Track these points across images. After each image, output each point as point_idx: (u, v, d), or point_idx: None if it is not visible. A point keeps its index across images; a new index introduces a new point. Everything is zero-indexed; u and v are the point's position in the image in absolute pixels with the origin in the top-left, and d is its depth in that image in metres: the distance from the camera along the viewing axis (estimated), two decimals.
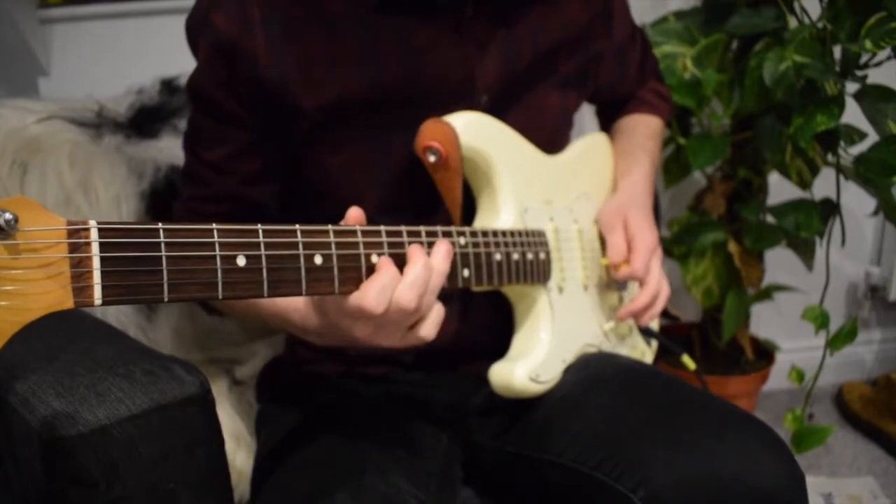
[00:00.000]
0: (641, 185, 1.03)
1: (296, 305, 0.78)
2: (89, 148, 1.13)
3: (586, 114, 1.25)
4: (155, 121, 1.22)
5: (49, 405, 0.64)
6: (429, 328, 0.70)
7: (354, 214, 0.69)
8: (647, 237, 0.95)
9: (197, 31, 0.83)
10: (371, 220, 0.71)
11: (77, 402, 0.64)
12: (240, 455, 1.04)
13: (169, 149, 1.18)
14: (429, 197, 0.85)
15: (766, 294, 1.64)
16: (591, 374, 0.88)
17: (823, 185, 1.39)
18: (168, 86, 1.27)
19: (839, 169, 1.33)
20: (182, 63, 0.87)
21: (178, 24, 0.86)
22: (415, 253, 0.68)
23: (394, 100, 0.84)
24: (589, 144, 1.05)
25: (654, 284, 0.95)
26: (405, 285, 0.66)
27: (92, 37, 1.40)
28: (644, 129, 1.11)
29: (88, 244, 0.50)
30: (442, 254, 0.70)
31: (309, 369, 0.97)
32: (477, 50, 0.86)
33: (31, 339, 0.48)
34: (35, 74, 1.39)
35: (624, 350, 1.00)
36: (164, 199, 1.14)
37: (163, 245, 0.54)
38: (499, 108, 0.89)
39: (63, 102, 1.18)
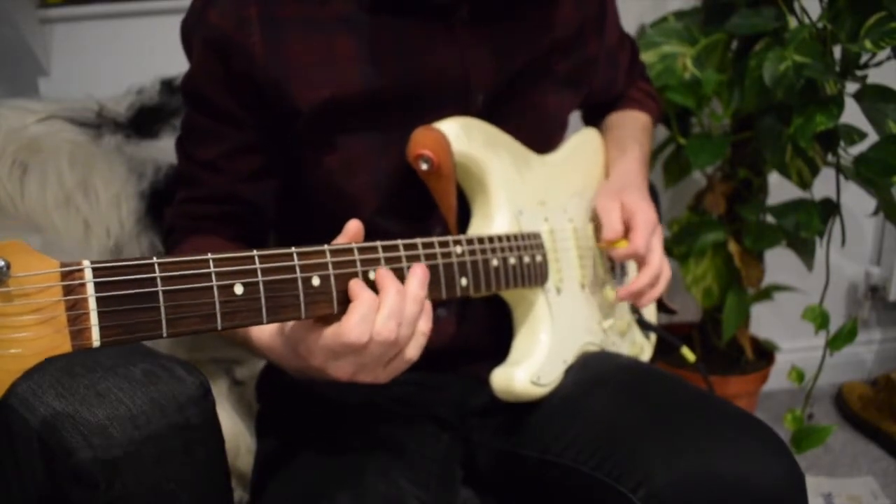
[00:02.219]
0: (635, 168, 1.02)
1: (270, 344, 0.76)
2: (89, 148, 1.13)
3: (578, 113, 1.25)
4: (155, 121, 1.22)
5: (49, 405, 0.64)
6: (413, 350, 0.68)
7: (353, 229, 0.68)
8: (647, 214, 0.92)
9: (191, 31, 0.83)
10: (369, 220, 0.71)
11: (77, 402, 0.64)
12: (240, 455, 1.04)
13: (169, 149, 1.18)
14: (426, 197, 0.85)
15: (766, 294, 1.64)
16: (591, 375, 0.88)
17: (823, 185, 1.39)
18: (168, 86, 1.27)
19: (839, 169, 1.33)
20: (182, 63, 0.87)
21: (177, 24, 0.86)
22: (385, 280, 0.66)
23: (389, 100, 0.83)
24: (580, 141, 1.05)
25: (655, 264, 0.92)
26: (382, 317, 0.63)
27: (92, 37, 1.40)
28: (633, 122, 1.11)
29: (83, 285, 0.50)
30: (418, 279, 0.67)
31: None
32: (472, 50, 0.86)
33: None
34: (35, 74, 1.39)
35: (623, 345, 1.00)
36: (164, 199, 1.14)
37: (158, 280, 0.53)
38: (494, 109, 0.89)
39: (63, 102, 1.18)
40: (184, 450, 0.67)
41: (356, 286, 0.64)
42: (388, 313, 0.64)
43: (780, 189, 1.54)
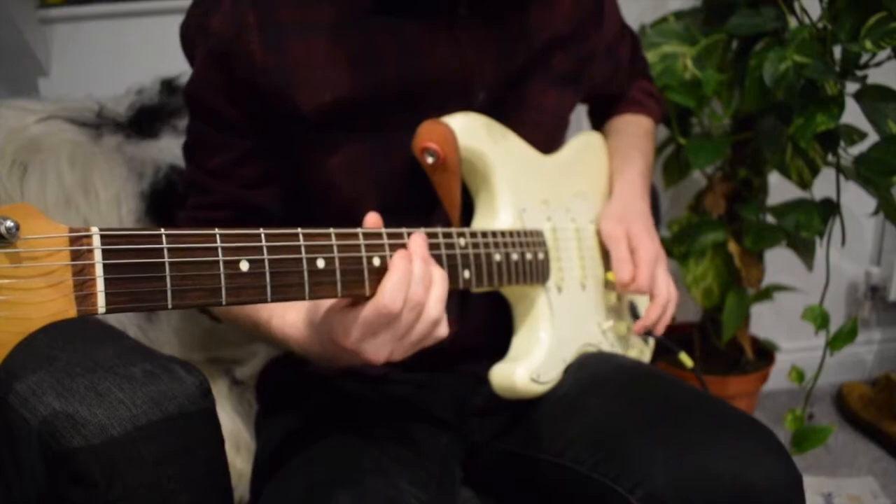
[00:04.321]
0: (636, 185, 1.03)
1: (294, 334, 0.78)
2: (89, 148, 1.13)
3: (581, 113, 1.25)
4: (155, 121, 1.22)
5: (49, 405, 0.64)
6: (443, 329, 0.71)
7: (372, 221, 0.69)
8: (648, 249, 0.95)
9: (193, 38, 0.83)
10: None
11: (77, 402, 0.64)
12: (240, 455, 1.04)
13: (169, 149, 1.18)
14: (429, 196, 0.85)
15: (766, 294, 1.64)
16: (589, 375, 0.88)
17: (823, 185, 1.39)
18: (168, 86, 1.27)
19: (839, 169, 1.33)
20: (182, 63, 0.87)
21: (177, 24, 0.86)
22: (402, 254, 0.68)
23: (392, 100, 0.84)
24: (583, 143, 1.05)
25: (663, 295, 0.96)
26: (416, 280, 0.67)
27: (92, 37, 1.40)
28: (635, 128, 1.11)
29: (91, 251, 0.50)
30: (420, 242, 0.70)
31: (309, 369, 0.97)
32: (472, 48, 0.86)
33: (30, 339, 0.48)
34: (35, 74, 1.39)
35: (622, 349, 1.01)
36: (164, 199, 1.14)
37: (165, 251, 0.53)
38: (496, 107, 0.89)
39: (63, 102, 1.18)
40: (184, 450, 0.67)
41: (398, 257, 0.67)
42: (418, 276, 0.67)
43: (780, 189, 1.54)
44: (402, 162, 0.84)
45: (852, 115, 1.21)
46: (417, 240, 0.69)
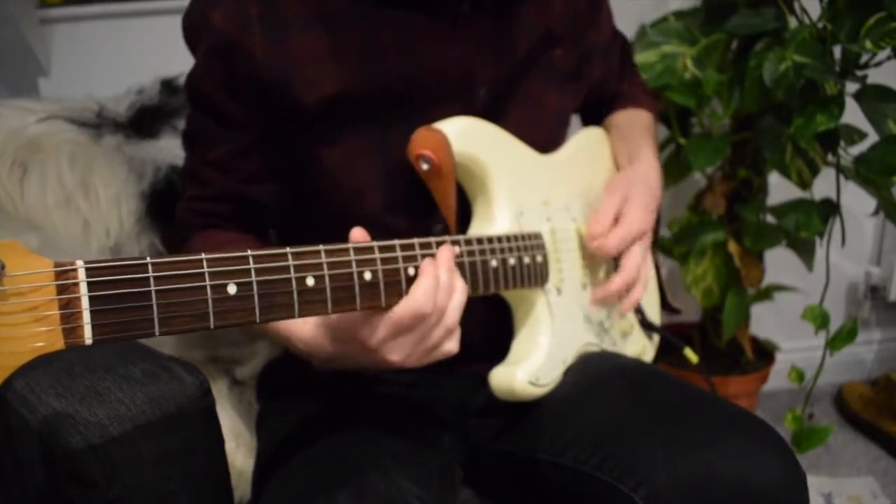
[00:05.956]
0: (654, 167, 1.02)
1: (301, 332, 0.78)
2: (89, 148, 1.13)
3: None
4: (155, 121, 1.22)
5: (49, 405, 0.64)
6: (454, 343, 0.73)
7: (358, 236, 0.69)
8: (636, 219, 0.93)
9: (195, 31, 0.83)
10: (371, 216, 0.72)
11: (77, 402, 0.64)
12: (240, 455, 1.04)
13: (169, 149, 1.19)
14: (428, 193, 0.85)
15: (766, 294, 1.64)
16: (591, 374, 0.88)
17: (823, 185, 1.39)
18: (168, 86, 1.27)
19: (839, 169, 1.33)
20: (182, 63, 0.87)
21: (178, 24, 0.86)
22: (430, 261, 0.71)
23: (393, 95, 0.84)
24: (584, 140, 1.04)
25: (628, 270, 0.92)
26: (442, 287, 0.69)
27: (92, 37, 1.40)
28: (639, 123, 1.11)
29: (76, 285, 0.50)
30: (447, 254, 0.72)
31: (309, 369, 0.97)
32: (474, 45, 0.86)
33: None
34: (35, 74, 1.39)
35: (626, 346, 1.00)
36: (164, 199, 1.14)
37: (151, 280, 0.54)
38: (497, 104, 0.89)
39: (63, 102, 1.18)
40: (184, 450, 0.67)
41: (427, 265, 0.70)
42: (444, 285, 0.70)
43: (780, 189, 1.54)
44: (402, 157, 0.84)
45: (852, 115, 1.21)
46: (445, 251, 0.72)
